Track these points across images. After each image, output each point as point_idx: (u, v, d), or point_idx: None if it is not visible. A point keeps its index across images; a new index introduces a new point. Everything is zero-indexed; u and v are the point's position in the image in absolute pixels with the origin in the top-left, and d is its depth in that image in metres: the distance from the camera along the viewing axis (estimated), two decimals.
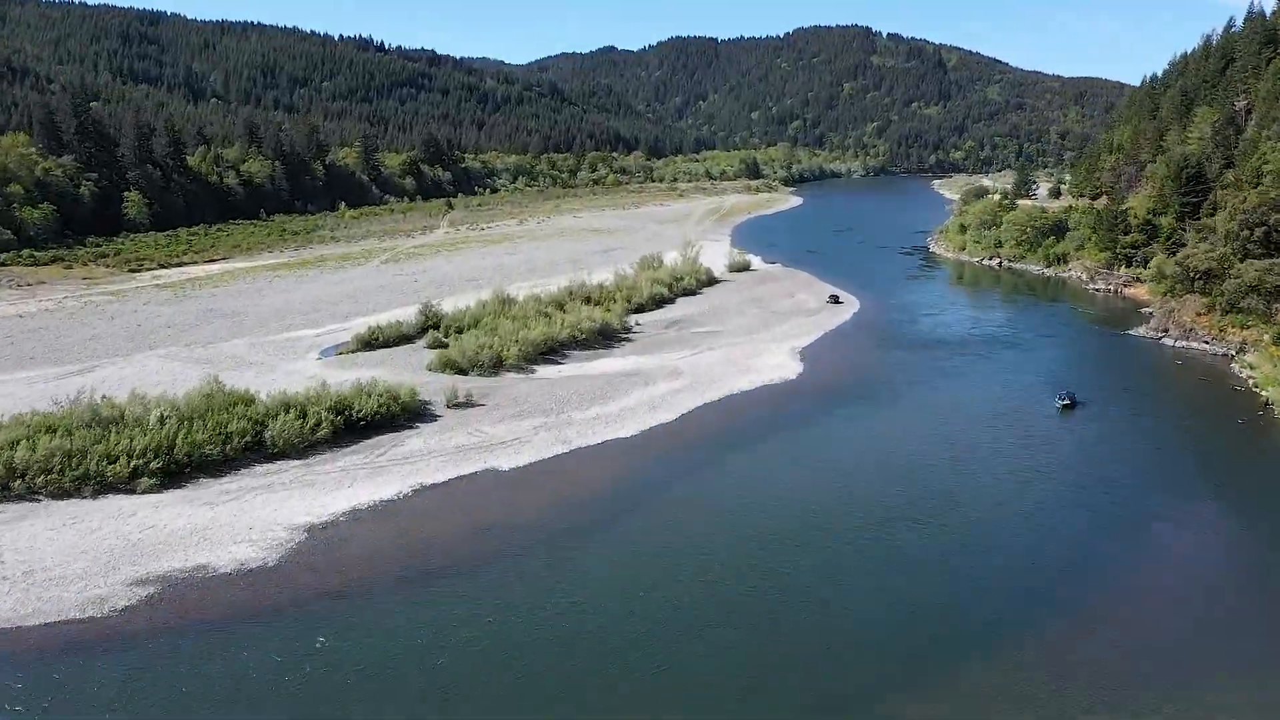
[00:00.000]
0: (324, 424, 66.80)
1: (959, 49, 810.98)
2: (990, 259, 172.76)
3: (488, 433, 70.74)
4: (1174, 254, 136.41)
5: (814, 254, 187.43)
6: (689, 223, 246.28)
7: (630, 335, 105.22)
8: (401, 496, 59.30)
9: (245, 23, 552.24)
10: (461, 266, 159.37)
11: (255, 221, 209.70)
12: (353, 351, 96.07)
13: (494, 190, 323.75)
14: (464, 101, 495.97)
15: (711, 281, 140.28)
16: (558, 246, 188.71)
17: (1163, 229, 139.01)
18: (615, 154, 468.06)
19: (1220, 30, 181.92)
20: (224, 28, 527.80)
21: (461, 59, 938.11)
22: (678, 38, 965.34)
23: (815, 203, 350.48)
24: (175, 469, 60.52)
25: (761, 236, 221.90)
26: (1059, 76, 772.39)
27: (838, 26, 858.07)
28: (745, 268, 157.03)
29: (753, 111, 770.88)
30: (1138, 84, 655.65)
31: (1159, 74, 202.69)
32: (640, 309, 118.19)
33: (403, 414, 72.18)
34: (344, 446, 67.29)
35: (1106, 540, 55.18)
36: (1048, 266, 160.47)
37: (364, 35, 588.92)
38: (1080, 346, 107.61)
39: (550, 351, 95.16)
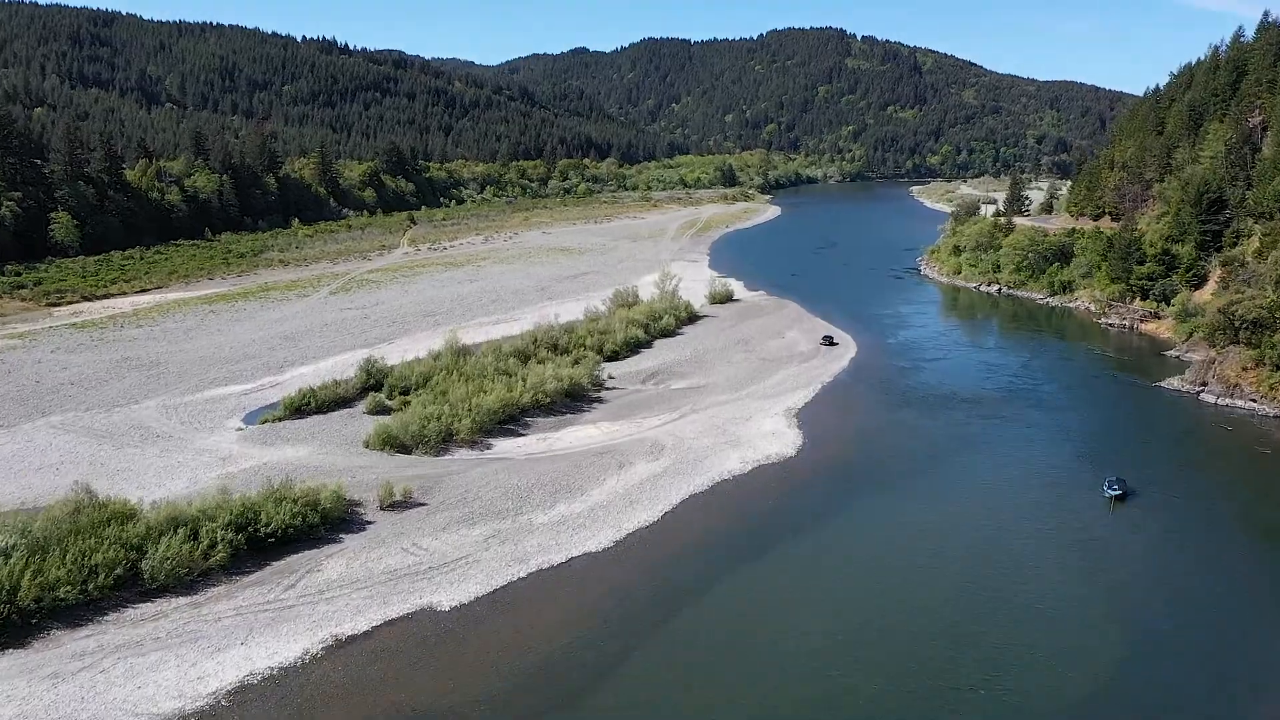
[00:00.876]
0: (221, 546, 53.47)
1: (934, 51, 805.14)
2: (988, 285, 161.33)
3: (427, 548, 57.58)
4: (1196, 287, 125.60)
5: (799, 279, 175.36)
6: (664, 239, 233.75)
7: (603, 393, 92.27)
8: (309, 658, 46.14)
9: (203, 23, 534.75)
10: (418, 297, 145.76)
11: (199, 242, 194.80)
12: (280, 419, 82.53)
13: (460, 202, 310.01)
14: (431, 106, 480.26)
15: (692, 318, 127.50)
16: (525, 270, 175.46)
17: (1181, 259, 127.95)
18: (587, 160, 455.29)
19: (1227, 41, 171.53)
20: (181, 29, 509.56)
21: (431, 60, 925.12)
22: (650, 39, 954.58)
23: (793, 213, 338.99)
24: (18, 621, 47.09)
25: (742, 255, 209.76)
26: (1034, 80, 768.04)
27: (812, 29, 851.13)
28: (728, 298, 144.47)
29: (726, 115, 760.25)
30: (1108, 87, 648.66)
31: (1160, 86, 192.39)
32: (615, 355, 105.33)
33: (323, 524, 58.87)
34: (246, 573, 54.00)
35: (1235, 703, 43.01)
36: (1052, 295, 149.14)
37: (328, 37, 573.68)
38: (1111, 405, 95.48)
39: (510, 419, 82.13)
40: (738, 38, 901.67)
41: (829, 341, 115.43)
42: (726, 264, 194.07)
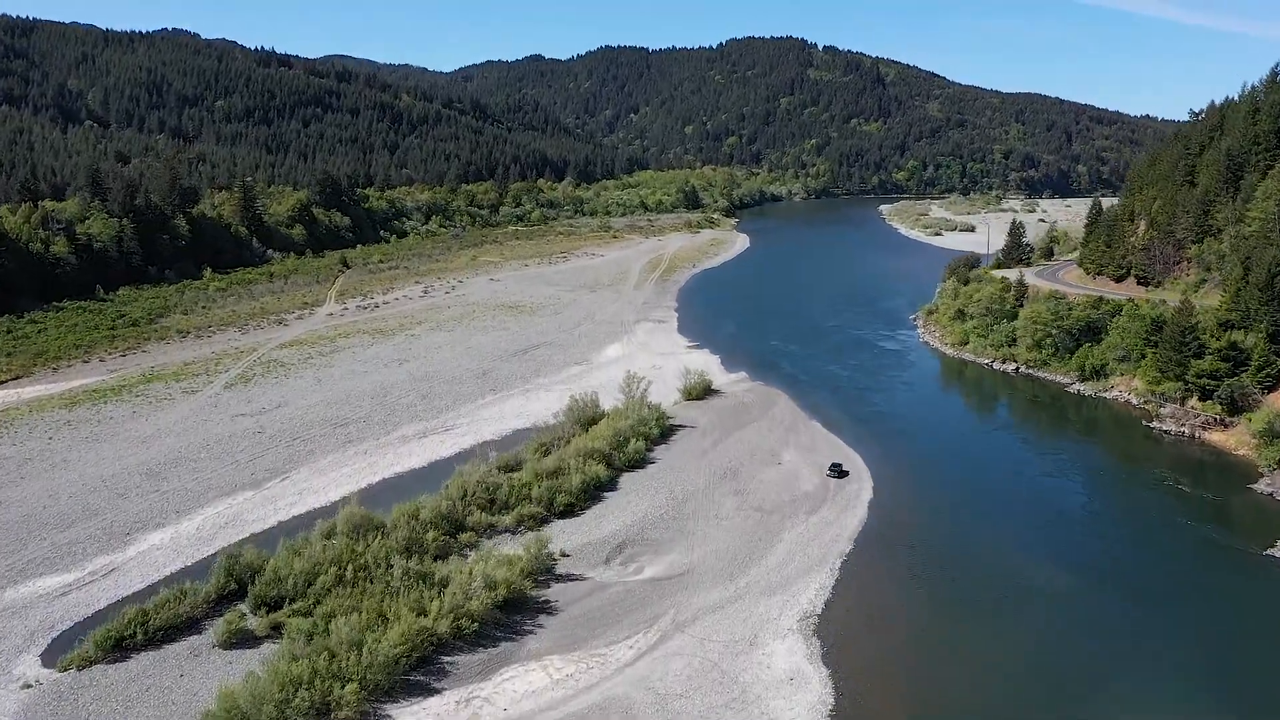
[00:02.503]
0: None
1: (896, 62, 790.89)
2: (1002, 362, 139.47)
3: None
4: (1271, 388, 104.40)
5: (781, 347, 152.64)
6: (627, 286, 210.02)
7: (552, 592, 68.02)
8: None
9: (132, 33, 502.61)
10: (332, 391, 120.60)
11: (88, 304, 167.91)
12: (90, 663, 57.74)
13: (402, 235, 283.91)
14: (375, 122, 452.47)
15: (664, 432, 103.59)
16: (466, 342, 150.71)
17: (1250, 353, 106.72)
18: (542, 180, 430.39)
19: (1263, 81, 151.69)
20: (108, 38, 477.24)
21: (384, 65, 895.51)
22: (607, 47, 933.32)
23: (762, 242, 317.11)
24: None
25: (713, 310, 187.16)
26: (998, 92, 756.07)
27: (772, 38, 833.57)
28: (706, 391, 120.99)
29: (686, 126, 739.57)
30: (1073, 100, 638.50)
31: (1182, 124, 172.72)
32: (570, 508, 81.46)
33: None
34: None
35: None
36: (1081, 380, 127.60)
37: (271, 47, 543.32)
38: (1232, 604, 72.55)
39: (422, 662, 57.99)
40: (696, 46, 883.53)
41: (838, 471, 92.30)
42: (698, 324, 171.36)
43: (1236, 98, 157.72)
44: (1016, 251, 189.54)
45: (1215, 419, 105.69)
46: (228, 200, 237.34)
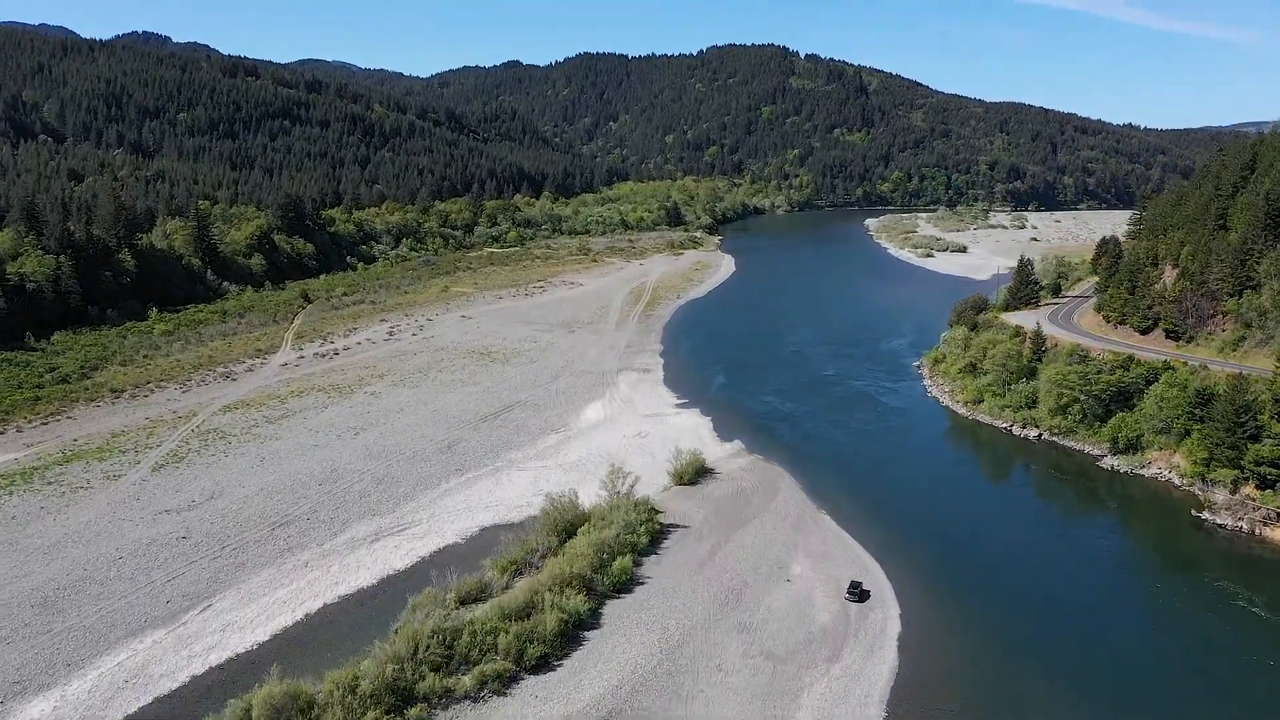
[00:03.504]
0: None
1: (879, 71, 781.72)
2: (1022, 428, 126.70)
3: None
4: None
5: (777, 407, 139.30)
6: (608, 324, 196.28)
7: None
8: None
9: (92, 40, 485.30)
10: (275, 475, 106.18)
11: (14, 353, 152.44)
12: None
13: (371, 261, 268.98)
14: (346, 135, 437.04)
15: (655, 536, 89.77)
16: (432, 402, 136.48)
17: None
18: (519, 195, 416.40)
19: None
20: (66, 46, 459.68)
21: (351, 76, 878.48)
22: (586, 54, 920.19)
23: (747, 264, 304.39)
24: None
25: (700, 353, 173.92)
26: (982, 101, 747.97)
27: (753, 45, 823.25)
28: (699, 472, 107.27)
29: (667, 135, 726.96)
30: (1057, 109, 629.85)
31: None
32: (545, 659, 67.73)
33: None
34: None
35: None
36: (1114, 453, 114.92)
37: (239, 53, 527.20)
38: None
39: None
40: (677, 54, 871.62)
41: (858, 593, 78.81)
42: (685, 373, 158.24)
43: (1267, 130, 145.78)
44: (1025, 290, 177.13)
45: (1278, 514, 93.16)
46: (180, 229, 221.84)
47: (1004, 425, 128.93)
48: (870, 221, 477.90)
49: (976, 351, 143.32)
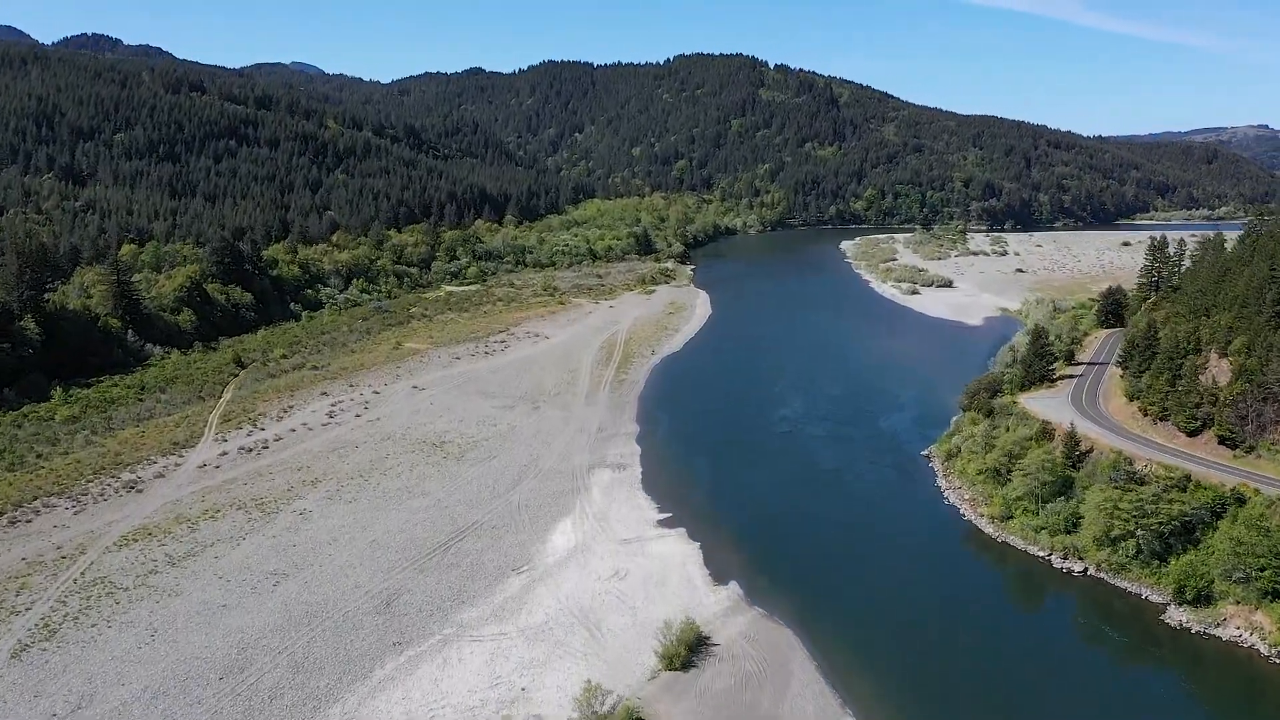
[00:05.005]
0: None
1: (850, 82, 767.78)
2: (1062, 557, 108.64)
3: None
4: None
5: (777, 521, 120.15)
6: (578, 398, 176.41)
7: None
8: None
9: (25, 49, 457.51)
10: (166, 657, 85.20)
11: None
12: None
13: (318, 308, 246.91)
14: (296, 156, 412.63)
15: None
16: (371, 524, 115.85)
17: None
18: (480, 221, 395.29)
19: None
20: None
21: (311, 80, 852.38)
22: (550, 62, 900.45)
23: (723, 301, 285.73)
24: None
25: (682, 436, 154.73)
26: (954, 114, 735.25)
27: (721, 55, 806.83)
28: (693, 648, 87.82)
29: (634, 147, 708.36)
30: (1031, 121, 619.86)
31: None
32: None
33: None
34: None
35: None
36: (1179, 601, 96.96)
37: (190, 59, 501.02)
38: None
39: None
40: (643, 62, 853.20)
41: None
42: (666, 470, 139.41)
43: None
44: (1040, 364, 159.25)
45: None
46: (98, 281, 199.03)
47: (1040, 553, 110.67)
48: (846, 245, 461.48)
49: (1000, 455, 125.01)
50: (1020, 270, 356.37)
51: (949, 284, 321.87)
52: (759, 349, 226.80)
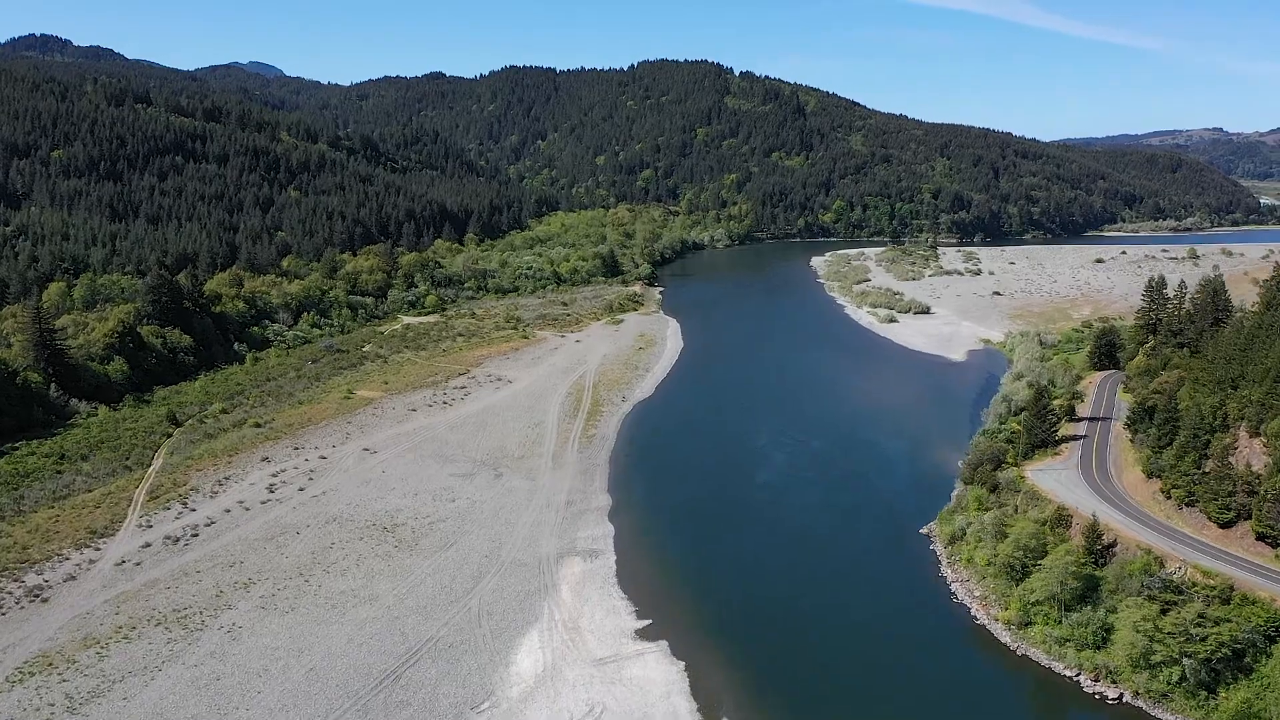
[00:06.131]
0: None
1: (816, 90, 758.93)
2: (1092, 678, 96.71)
3: None
4: None
5: (766, 624, 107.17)
6: (544, 460, 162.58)
7: None
8: None
9: None
10: None
11: None
12: None
13: (264, 346, 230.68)
14: (247, 172, 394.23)
15: None
16: (310, 643, 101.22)
17: None
18: (440, 240, 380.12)
19: None
20: None
21: (268, 84, 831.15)
22: (512, 67, 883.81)
23: (693, 331, 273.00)
24: None
25: (658, 508, 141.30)
26: (921, 122, 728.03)
27: (686, 61, 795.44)
28: None
29: (598, 156, 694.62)
30: (998, 129, 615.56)
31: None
32: None
33: None
34: None
35: None
36: None
37: (124, 82, 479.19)
38: None
39: None
40: (607, 68, 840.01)
41: None
42: (642, 553, 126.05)
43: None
44: (1043, 427, 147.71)
45: None
46: (17, 331, 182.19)
47: (1067, 672, 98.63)
48: (816, 261, 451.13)
49: (1013, 549, 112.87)
50: (997, 293, 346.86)
51: (927, 310, 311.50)
52: (735, 392, 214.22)
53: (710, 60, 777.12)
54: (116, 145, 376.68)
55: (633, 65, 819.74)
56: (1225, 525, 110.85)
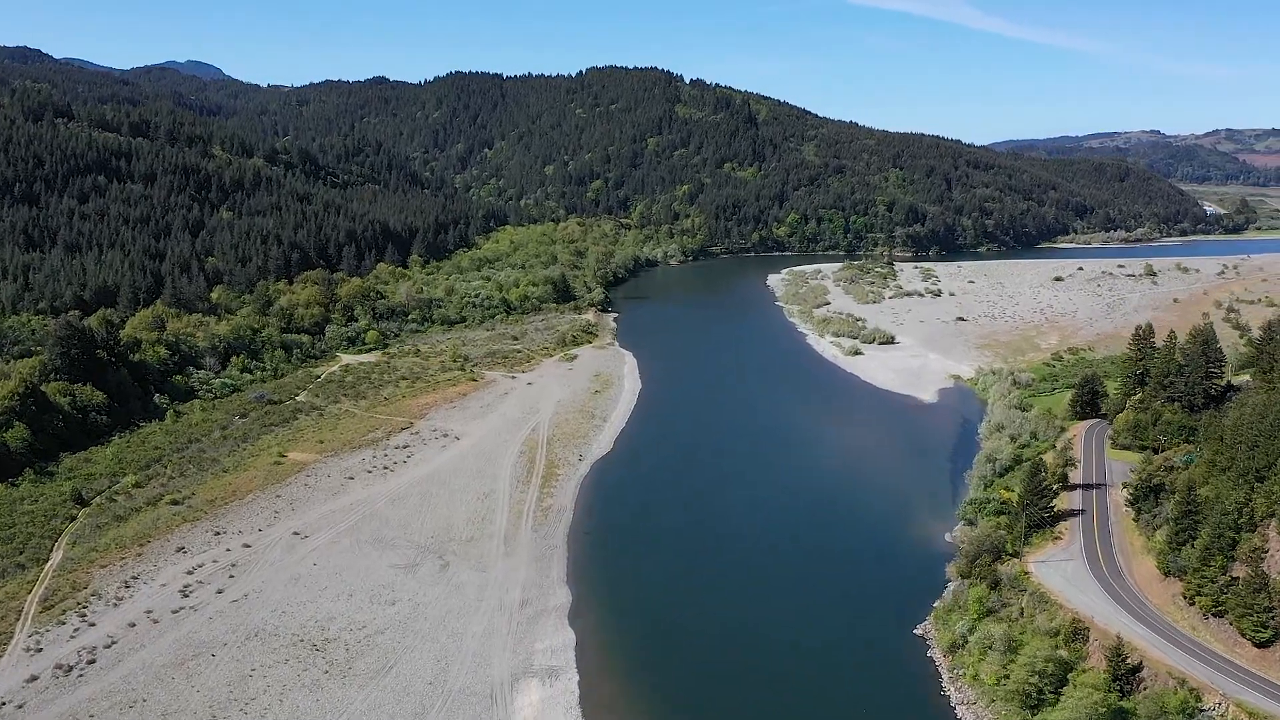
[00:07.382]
0: None
1: (767, 98, 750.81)
2: None
3: None
4: None
5: None
6: (494, 545, 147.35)
7: None
8: None
9: None
10: None
11: None
12: None
13: (188, 398, 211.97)
14: (176, 191, 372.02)
15: None
16: None
17: None
18: (383, 264, 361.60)
19: None
20: None
21: (204, 87, 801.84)
22: (458, 73, 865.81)
23: (651, 368, 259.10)
24: None
25: (618, 606, 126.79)
26: (873, 131, 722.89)
27: (635, 68, 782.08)
28: None
29: (546, 166, 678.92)
30: (950, 137, 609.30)
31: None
32: None
33: None
34: None
35: None
36: None
37: (44, 94, 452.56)
38: None
39: None
40: (554, 74, 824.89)
41: None
42: (607, 666, 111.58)
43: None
44: (1040, 504, 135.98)
45: None
46: None
47: None
48: (773, 280, 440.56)
49: (1027, 673, 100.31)
50: (961, 319, 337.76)
51: (891, 340, 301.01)
52: (699, 447, 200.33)
53: (660, 67, 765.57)
54: (33, 165, 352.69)
55: (581, 72, 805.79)
56: (1263, 645, 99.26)
